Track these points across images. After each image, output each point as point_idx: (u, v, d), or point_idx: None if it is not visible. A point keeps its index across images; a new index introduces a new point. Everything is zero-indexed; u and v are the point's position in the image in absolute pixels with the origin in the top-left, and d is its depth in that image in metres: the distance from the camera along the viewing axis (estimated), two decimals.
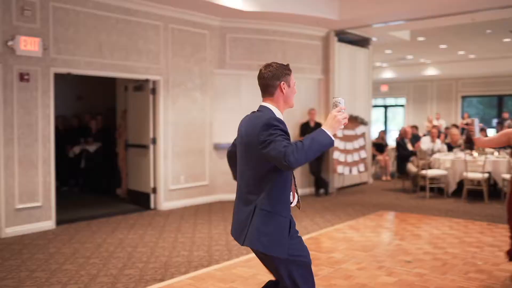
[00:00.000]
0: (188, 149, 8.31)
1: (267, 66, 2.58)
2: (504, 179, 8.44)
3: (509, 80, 16.73)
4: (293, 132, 9.35)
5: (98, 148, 9.52)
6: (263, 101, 2.60)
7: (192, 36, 8.25)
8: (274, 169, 2.40)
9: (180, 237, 6.12)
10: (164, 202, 7.96)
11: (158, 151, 7.90)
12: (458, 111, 18.37)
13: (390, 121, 21.12)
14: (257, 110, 2.59)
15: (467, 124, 14.98)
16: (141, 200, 8.11)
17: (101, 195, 9.23)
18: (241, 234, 2.51)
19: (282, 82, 2.54)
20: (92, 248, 5.54)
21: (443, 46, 13.96)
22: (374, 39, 10.67)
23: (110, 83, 9.31)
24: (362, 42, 10.56)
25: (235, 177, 2.84)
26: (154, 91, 7.86)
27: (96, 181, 9.64)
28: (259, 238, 2.42)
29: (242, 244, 2.49)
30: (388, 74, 18.61)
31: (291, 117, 9.38)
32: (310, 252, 2.73)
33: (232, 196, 8.84)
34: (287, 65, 2.61)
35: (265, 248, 2.43)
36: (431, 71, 17.78)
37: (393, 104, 20.91)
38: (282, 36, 9.10)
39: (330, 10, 8.63)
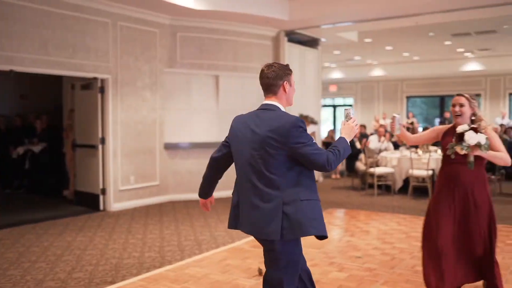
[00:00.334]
0: (138, 149, 8.18)
1: (270, 66, 2.68)
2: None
3: (450, 81, 17.49)
4: None
5: (43, 149, 9.21)
6: (266, 99, 2.70)
7: (142, 34, 8.12)
8: (304, 168, 2.57)
9: (131, 238, 6.01)
10: (114, 203, 7.80)
11: (107, 151, 7.73)
12: (403, 110, 19.01)
13: (339, 121, 21.60)
14: (264, 108, 2.66)
15: (411, 123, 15.54)
16: (90, 202, 7.90)
17: (47, 197, 8.92)
18: (268, 228, 2.52)
19: (285, 82, 2.68)
20: (38, 252, 5.34)
21: (389, 48, 14.41)
22: (323, 40, 10.87)
23: (56, 81, 9.02)
24: (311, 42, 10.74)
25: (209, 182, 2.94)
26: (102, 89, 7.68)
27: (42, 182, 9.31)
28: (312, 224, 2.54)
29: (281, 238, 2.51)
30: (336, 75, 19.02)
31: None
32: (260, 251, 2.75)
33: (183, 196, 8.80)
34: (287, 65, 2.75)
35: (319, 231, 2.58)
36: (377, 72, 18.31)
37: (342, 103, 21.39)
38: (233, 36, 9.11)
39: (280, 10, 8.72)
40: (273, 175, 2.52)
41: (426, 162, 8.77)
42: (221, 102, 9.20)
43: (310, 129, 10.07)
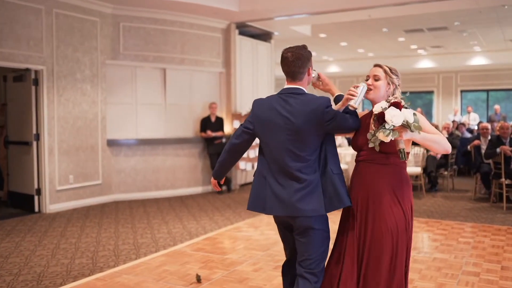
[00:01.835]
0: (77, 146, 7.64)
1: (293, 53, 2.66)
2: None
3: (405, 78, 17.47)
4: (194, 127, 8.99)
5: None
6: (290, 83, 2.70)
7: (80, 23, 7.58)
8: (329, 142, 2.69)
9: (64, 243, 5.52)
10: (51, 204, 7.25)
11: (42, 149, 7.17)
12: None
13: None
14: (291, 92, 2.67)
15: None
16: (24, 203, 7.32)
17: None
18: (309, 205, 2.61)
19: (310, 67, 2.71)
20: None
21: (343, 44, 14.30)
22: (276, 33, 10.58)
23: None
24: (264, 36, 10.42)
25: (226, 167, 2.94)
26: (36, 82, 7.11)
27: None
28: (346, 195, 2.65)
29: (325, 211, 2.63)
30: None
31: (191, 112, 9.01)
32: (205, 255, 2.42)
33: (128, 196, 8.30)
34: (305, 46, 2.74)
35: (350, 201, 2.68)
36: (333, 69, 18.23)
37: None
38: (181, 27, 8.68)
39: (229, 1, 8.35)
40: (308, 156, 2.62)
41: None
42: (168, 96, 8.76)
43: None
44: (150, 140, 8.49)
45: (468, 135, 11.77)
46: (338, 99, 2.83)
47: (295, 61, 2.63)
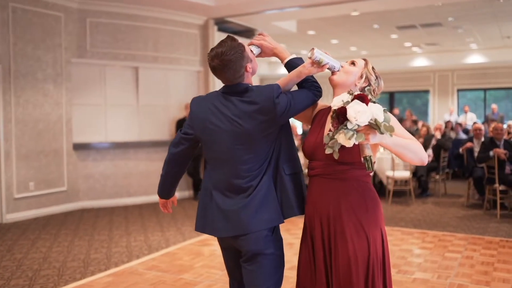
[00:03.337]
0: (39, 150, 7.11)
1: (220, 59, 2.19)
2: (388, 177, 8.15)
3: (399, 77, 17.03)
4: (170, 129, 8.45)
5: None
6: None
7: (42, 18, 7.05)
8: (284, 134, 2.27)
9: (7, 259, 4.98)
10: (8, 213, 6.71)
11: None
12: None
13: None
14: (235, 91, 2.24)
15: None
16: None
17: None
18: (256, 219, 2.18)
19: (246, 65, 2.24)
20: None
21: (334, 41, 13.74)
22: (259, 30, 10.03)
23: None
24: (246, 33, 9.87)
25: (170, 180, 2.53)
26: None
27: None
28: (298, 203, 2.26)
29: (258, 230, 2.18)
30: (282, 70, 18.25)
31: (166, 113, 8.47)
32: (158, 274, 1.95)
33: (96, 203, 7.70)
34: (234, 42, 2.22)
35: (299, 211, 2.28)
36: None
37: None
38: (153, 23, 8.14)
39: None
40: (260, 161, 2.21)
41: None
42: (141, 97, 8.22)
43: None
44: (121, 144, 7.96)
45: (463, 136, 11.22)
46: (291, 64, 2.35)
47: (225, 70, 2.19)
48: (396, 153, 2.01)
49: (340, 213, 2.09)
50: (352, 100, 1.87)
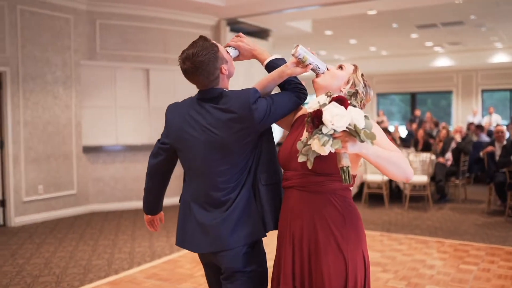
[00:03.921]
0: (48, 153, 7.06)
1: (192, 62, 2.03)
2: (405, 182, 7.85)
3: (421, 77, 16.62)
4: None
5: None
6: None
7: (50, 20, 7.00)
8: (264, 140, 2.09)
9: (9, 264, 4.92)
10: (16, 216, 6.68)
11: (7, 157, 6.61)
12: (373, 108, 18.13)
13: None
14: (209, 97, 2.07)
15: (382, 122, 14.64)
16: None
17: None
18: (236, 234, 2.01)
19: (221, 66, 2.07)
20: None
21: (353, 41, 13.46)
22: (273, 30, 9.84)
23: None
24: (260, 33, 9.69)
25: (153, 194, 2.37)
26: (0, 85, 6.56)
27: None
28: (273, 217, 2.08)
29: (237, 245, 2.02)
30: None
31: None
32: (156, 283, 1.71)
33: (106, 206, 7.61)
34: (206, 42, 2.06)
35: (272, 226, 2.10)
36: None
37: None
38: (163, 24, 8.03)
39: None
40: (238, 172, 2.03)
41: None
42: (152, 99, 8.13)
43: None
44: (131, 146, 7.88)
45: (486, 139, 10.80)
46: (272, 66, 2.18)
47: (198, 73, 2.03)
48: (377, 166, 1.77)
49: (314, 231, 1.88)
50: (329, 103, 1.66)
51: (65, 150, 7.29)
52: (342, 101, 1.64)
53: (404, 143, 11.26)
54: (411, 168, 1.82)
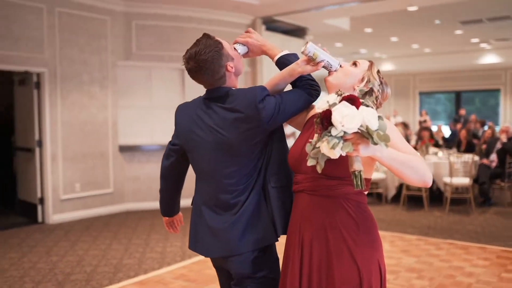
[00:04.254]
0: (85, 152, 7.19)
1: (195, 61, 1.97)
2: (446, 184, 7.56)
3: (467, 75, 16.04)
4: None
5: None
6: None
7: (87, 22, 7.12)
8: (275, 140, 2.00)
9: (43, 261, 5.01)
10: (54, 214, 6.83)
11: (45, 155, 6.76)
12: (416, 107, 17.65)
13: None
14: (216, 96, 2.01)
15: (424, 121, 14.20)
16: (29, 212, 6.97)
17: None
18: (246, 238, 1.94)
19: (226, 64, 2.00)
20: None
21: (394, 39, 13.10)
22: (310, 28, 9.68)
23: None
24: (297, 32, 9.56)
25: (168, 196, 2.31)
26: (38, 85, 6.72)
27: None
28: (281, 222, 1.96)
29: (246, 251, 1.94)
30: None
31: None
32: (184, 284, 1.66)
33: (142, 205, 7.67)
34: (209, 40, 2.01)
35: (281, 230, 1.98)
36: (387, 67, 16.98)
37: None
38: (199, 24, 8.03)
39: None
40: (247, 174, 1.95)
41: None
42: (187, 98, 8.05)
43: (291, 129, 8.93)
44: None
45: None
46: (282, 62, 2.06)
47: (202, 72, 1.97)
48: (393, 170, 1.63)
49: (325, 239, 1.76)
50: (339, 102, 1.54)
51: (101, 149, 7.41)
52: (353, 100, 1.52)
53: (447, 143, 10.85)
54: (430, 173, 1.67)
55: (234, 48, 2.08)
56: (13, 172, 8.24)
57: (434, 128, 13.75)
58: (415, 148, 8.40)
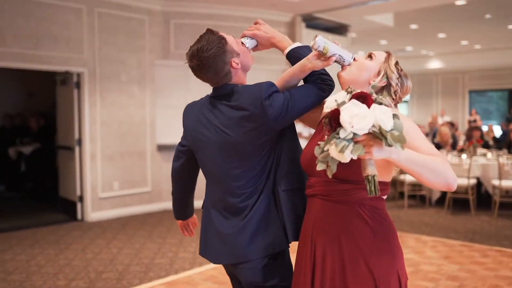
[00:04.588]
0: (123, 151, 7.26)
1: (198, 59, 1.89)
2: (494, 186, 7.16)
3: None
4: None
5: (35, 150, 8.55)
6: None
7: (126, 22, 7.18)
8: (285, 139, 1.88)
9: (78, 259, 5.06)
10: (92, 212, 6.93)
11: (84, 154, 6.87)
12: (465, 106, 16.94)
13: None
14: (222, 94, 1.92)
15: (474, 121, 13.58)
16: (69, 210, 7.10)
17: (43, 202, 8.22)
18: (249, 245, 1.83)
19: (231, 60, 1.90)
20: None
21: (442, 36, 12.62)
22: (351, 25, 9.42)
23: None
24: (339, 29, 9.32)
25: (181, 199, 2.26)
26: (78, 85, 6.83)
27: (38, 186, 8.69)
28: (293, 228, 1.84)
29: (255, 258, 1.82)
30: None
31: None
32: (212, 286, 1.58)
33: None
34: (211, 36, 1.91)
35: (293, 237, 1.86)
36: (435, 64, 16.39)
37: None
38: (236, 22, 7.95)
39: None
40: (255, 176, 1.84)
41: (468, 168, 7.15)
42: None
43: None
44: None
45: None
46: (293, 56, 1.93)
47: (205, 69, 1.88)
48: (413, 174, 1.46)
49: (339, 248, 1.60)
50: (349, 100, 1.38)
51: (139, 148, 7.46)
52: (364, 98, 1.37)
53: (498, 144, 10.32)
54: (454, 175, 1.48)
55: (242, 43, 1.94)
56: (55, 170, 8.45)
57: (484, 128, 13.13)
58: (461, 149, 8.01)
